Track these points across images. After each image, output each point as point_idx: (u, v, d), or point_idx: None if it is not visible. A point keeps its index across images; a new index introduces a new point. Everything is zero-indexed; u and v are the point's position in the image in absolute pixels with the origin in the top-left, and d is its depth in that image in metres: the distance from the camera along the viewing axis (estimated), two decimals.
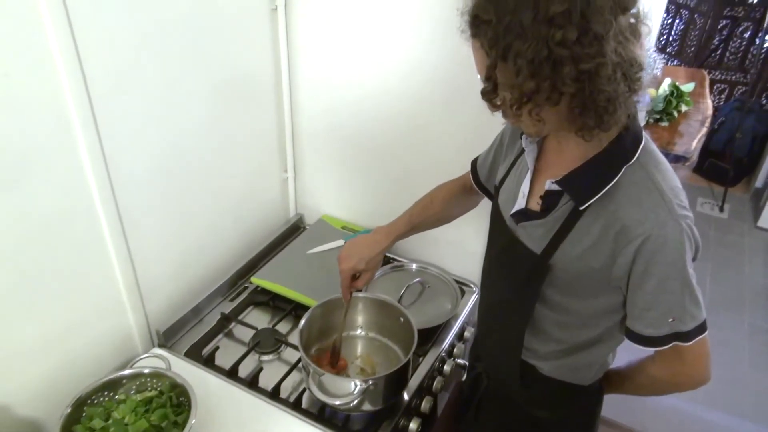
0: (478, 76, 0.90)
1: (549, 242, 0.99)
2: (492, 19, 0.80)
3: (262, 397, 1.31)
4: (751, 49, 3.96)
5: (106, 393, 1.19)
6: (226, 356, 1.41)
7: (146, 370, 1.22)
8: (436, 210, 1.34)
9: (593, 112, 0.83)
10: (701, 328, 0.95)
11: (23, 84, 1.01)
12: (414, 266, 1.67)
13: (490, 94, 0.86)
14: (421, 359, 1.43)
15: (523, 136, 1.05)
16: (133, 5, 1.16)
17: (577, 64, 0.78)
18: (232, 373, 1.37)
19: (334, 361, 1.35)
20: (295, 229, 1.87)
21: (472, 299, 1.63)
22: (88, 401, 1.16)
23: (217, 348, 1.44)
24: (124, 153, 1.24)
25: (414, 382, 1.37)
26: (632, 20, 0.82)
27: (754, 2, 3.83)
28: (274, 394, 1.32)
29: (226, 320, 1.52)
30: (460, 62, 1.41)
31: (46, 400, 1.21)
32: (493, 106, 0.89)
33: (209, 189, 1.53)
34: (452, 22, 1.41)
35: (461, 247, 1.67)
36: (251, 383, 1.35)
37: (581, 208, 0.94)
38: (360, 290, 1.38)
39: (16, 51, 0.98)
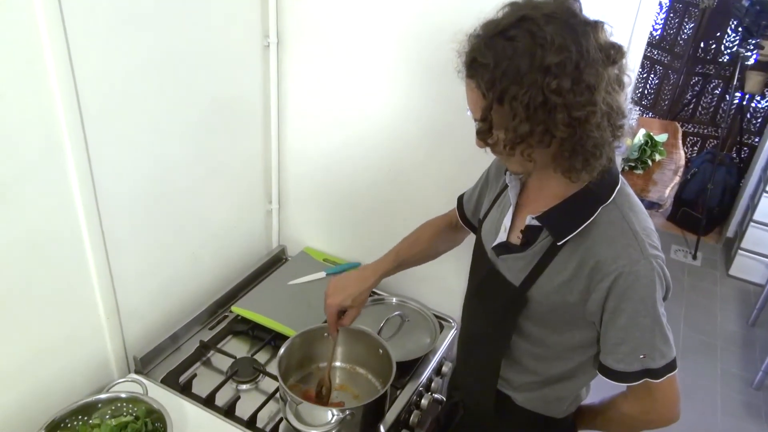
0: (468, 113, 0.94)
1: (527, 275, 1.03)
2: (489, 63, 0.85)
3: (238, 426, 1.30)
4: (722, 105, 4.13)
5: (80, 417, 1.18)
6: (203, 384, 1.41)
7: (123, 395, 1.22)
8: (423, 247, 1.37)
9: (581, 155, 0.88)
10: (671, 366, 0.98)
11: (18, 105, 1.03)
12: (394, 300, 1.69)
13: (484, 134, 0.91)
14: (398, 392, 1.44)
15: (508, 173, 1.09)
16: (132, 35, 1.20)
17: (570, 111, 0.83)
18: (208, 402, 1.36)
19: (324, 399, 1.34)
20: (277, 260, 1.88)
21: (451, 334, 1.65)
22: (62, 425, 1.15)
23: (194, 376, 1.43)
24: (112, 178, 1.25)
25: (391, 415, 1.37)
26: (617, 71, 0.88)
27: (724, 61, 4.02)
28: (250, 424, 1.32)
29: (204, 348, 1.52)
30: (443, 106, 1.47)
31: (19, 424, 1.19)
32: (486, 145, 0.93)
33: (194, 217, 1.55)
34: (435, 68, 1.48)
35: (441, 282, 1.70)
36: (228, 412, 1.34)
37: (559, 243, 0.98)
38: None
39: (13, 73, 1.01)
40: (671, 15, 4.14)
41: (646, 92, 4.43)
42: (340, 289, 1.28)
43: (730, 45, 3.99)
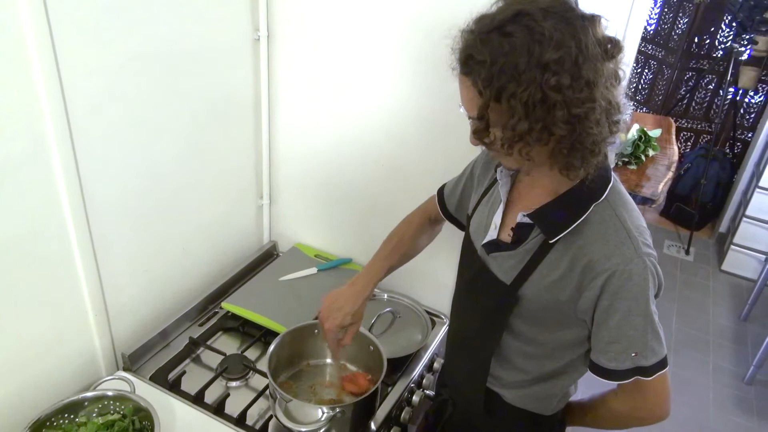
0: (462, 110, 0.92)
1: (519, 273, 1.01)
2: (486, 60, 0.82)
3: (228, 424, 1.29)
4: (716, 100, 4.13)
5: (66, 415, 1.17)
6: (192, 381, 1.39)
7: (109, 393, 1.20)
8: (408, 247, 1.35)
9: (580, 153, 0.87)
10: (662, 364, 0.97)
11: (2, 101, 1.01)
12: (385, 296, 1.68)
13: (481, 133, 0.89)
14: (389, 389, 1.43)
15: (499, 168, 1.07)
16: (118, 31, 1.18)
17: (569, 108, 0.82)
18: (198, 399, 1.35)
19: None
20: (268, 256, 1.87)
21: (443, 330, 1.64)
22: (47, 423, 1.14)
23: (183, 373, 1.42)
24: (99, 174, 1.24)
25: (382, 411, 1.37)
26: (613, 66, 0.86)
27: (718, 56, 4.02)
28: (240, 421, 1.30)
29: (194, 345, 1.50)
30: (437, 99, 1.46)
31: (3, 422, 1.18)
32: (483, 144, 0.91)
33: (184, 213, 1.53)
34: (429, 61, 1.46)
35: (433, 278, 1.69)
36: (217, 409, 1.33)
37: (551, 241, 0.97)
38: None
39: None
40: (665, 10, 4.13)
41: (640, 87, 4.43)
42: (336, 310, 1.23)
43: (724, 40, 3.99)
